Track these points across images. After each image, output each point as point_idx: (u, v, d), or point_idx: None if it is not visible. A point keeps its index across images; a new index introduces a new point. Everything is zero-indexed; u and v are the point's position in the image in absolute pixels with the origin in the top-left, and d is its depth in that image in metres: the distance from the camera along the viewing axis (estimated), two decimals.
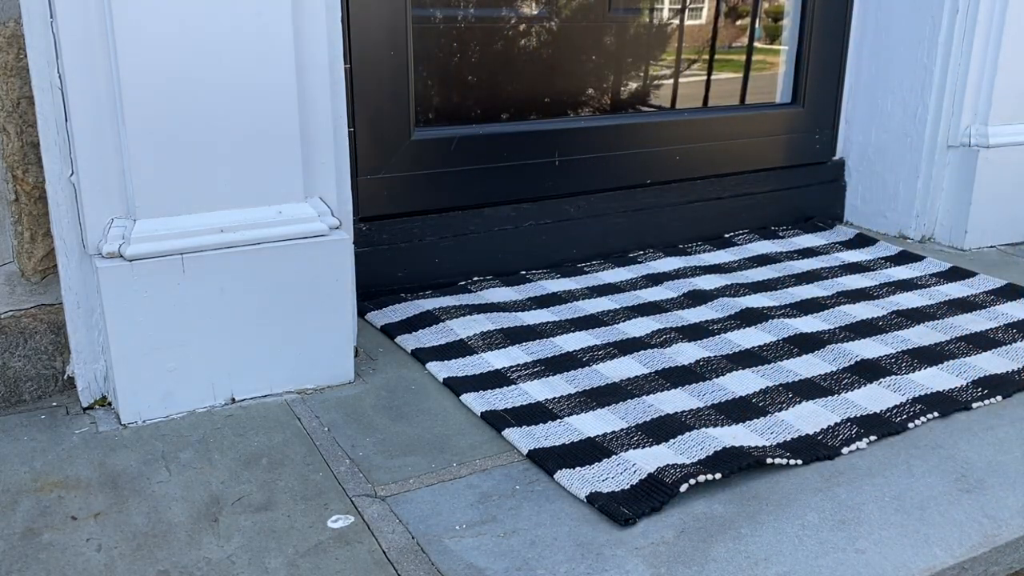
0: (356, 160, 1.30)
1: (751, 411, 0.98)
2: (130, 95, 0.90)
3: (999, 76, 1.61)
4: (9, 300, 1.00)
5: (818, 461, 0.89)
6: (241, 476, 0.86)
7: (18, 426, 0.96)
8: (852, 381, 1.06)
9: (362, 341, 1.18)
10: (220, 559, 0.74)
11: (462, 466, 0.88)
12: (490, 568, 0.73)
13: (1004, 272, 1.48)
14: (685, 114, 1.66)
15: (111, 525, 0.79)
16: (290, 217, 0.99)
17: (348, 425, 0.96)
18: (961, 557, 0.74)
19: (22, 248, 0.99)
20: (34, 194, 0.98)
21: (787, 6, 1.77)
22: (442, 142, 1.38)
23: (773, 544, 0.76)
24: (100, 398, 1.01)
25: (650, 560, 0.73)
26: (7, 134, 0.96)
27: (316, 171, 1.03)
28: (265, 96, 0.96)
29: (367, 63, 1.28)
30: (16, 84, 0.95)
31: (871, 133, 1.72)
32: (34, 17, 0.88)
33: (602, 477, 0.84)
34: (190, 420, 0.97)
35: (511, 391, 1.03)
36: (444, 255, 1.39)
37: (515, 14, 1.47)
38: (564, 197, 1.49)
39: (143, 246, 0.92)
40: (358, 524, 0.79)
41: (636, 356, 1.13)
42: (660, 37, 1.65)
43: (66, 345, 1.02)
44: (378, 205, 1.33)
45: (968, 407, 1.00)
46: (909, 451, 0.91)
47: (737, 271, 1.48)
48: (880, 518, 0.79)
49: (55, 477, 0.86)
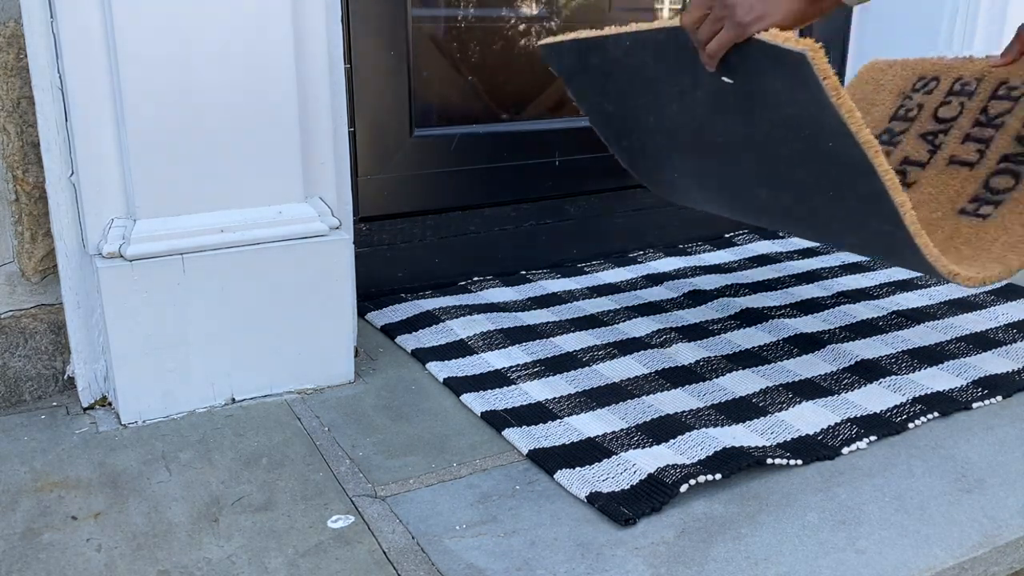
0: (356, 160, 1.30)
1: (751, 411, 0.98)
2: (130, 95, 0.90)
3: None
4: (9, 300, 1.00)
5: (818, 461, 0.89)
6: (241, 476, 0.86)
7: (18, 426, 0.96)
8: (852, 381, 1.06)
9: (362, 341, 1.18)
10: (220, 559, 0.74)
11: (462, 466, 0.88)
12: (490, 568, 0.73)
13: None
14: None
15: (111, 525, 0.79)
16: (290, 217, 0.99)
17: (348, 425, 0.97)
18: (961, 557, 0.75)
19: (22, 248, 0.99)
20: (34, 194, 0.98)
21: None
22: (442, 142, 1.38)
23: (773, 544, 0.76)
24: (100, 398, 1.01)
25: (650, 560, 0.73)
26: (7, 134, 0.96)
27: (316, 171, 1.03)
28: (265, 96, 0.96)
29: (367, 63, 1.28)
30: (16, 84, 0.95)
31: None
32: (34, 17, 0.88)
33: (602, 477, 0.84)
34: (190, 420, 0.97)
35: (511, 391, 1.03)
36: (444, 255, 1.39)
37: (515, 14, 1.47)
38: (564, 197, 1.49)
39: (143, 246, 0.92)
40: (358, 524, 0.79)
41: (636, 356, 1.13)
42: None
43: (66, 345, 1.02)
44: (378, 205, 1.33)
45: (968, 407, 1.00)
46: (909, 451, 0.91)
47: (737, 271, 1.48)
48: (880, 518, 0.79)
49: (55, 477, 0.86)
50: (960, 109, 1.16)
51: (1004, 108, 1.12)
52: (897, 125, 1.23)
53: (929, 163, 1.16)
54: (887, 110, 1.25)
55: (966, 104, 1.16)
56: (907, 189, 1.12)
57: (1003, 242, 1.02)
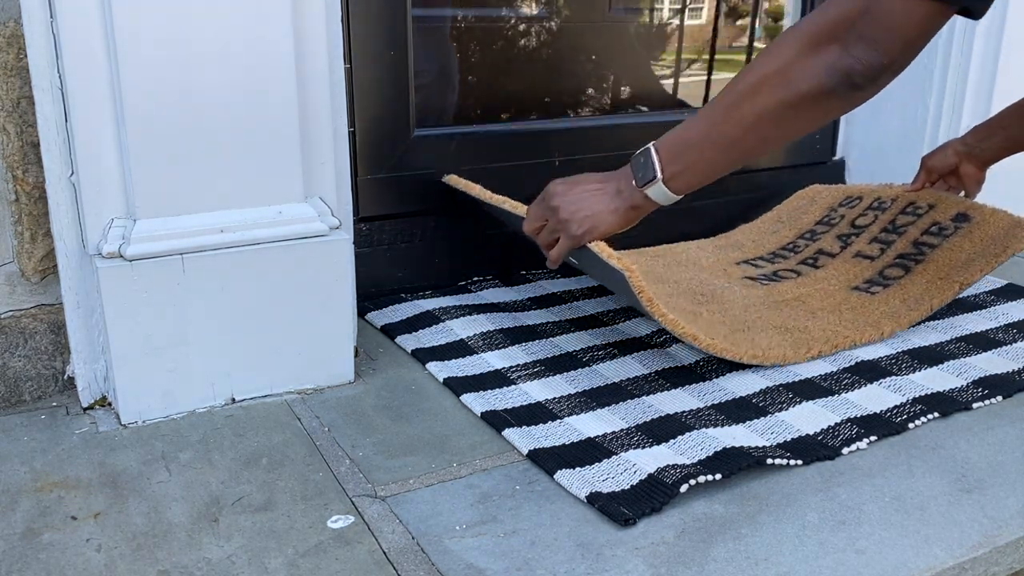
0: (356, 160, 1.30)
1: (751, 411, 0.98)
2: (130, 95, 0.90)
3: (999, 77, 1.61)
4: (9, 300, 1.00)
5: (818, 461, 0.89)
6: (241, 476, 0.86)
7: (18, 426, 0.96)
8: (852, 381, 1.06)
9: (362, 341, 1.18)
10: (220, 559, 0.74)
11: (462, 466, 0.88)
12: (490, 568, 0.73)
13: (1004, 272, 1.48)
14: (686, 114, 1.66)
15: (111, 525, 0.79)
16: (290, 217, 0.99)
17: (348, 425, 0.97)
18: (961, 557, 0.74)
19: (22, 248, 0.99)
20: (34, 194, 0.98)
21: (787, 6, 1.77)
22: (442, 142, 1.38)
23: (773, 544, 0.76)
24: (100, 398, 1.01)
25: (650, 560, 0.73)
26: (7, 134, 0.96)
27: (316, 171, 1.03)
28: (265, 96, 0.96)
29: (367, 63, 1.28)
30: (16, 84, 0.95)
31: (871, 133, 1.72)
32: (34, 17, 0.88)
33: (602, 477, 0.84)
34: (190, 420, 0.97)
35: (511, 391, 1.03)
36: (444, 255, 1.39)
37: (515, 14, 1.47)
38: None
39: (143, 246, 0.92)
40: (358, 524, 0.79)
41: (636, 356, 1.13)
42: (660, 37, 1.65)
43: (66, 345, 1.02)
44: (378, 205, 1.33)
45: (968, 407, 1.00)
46: (909, 451, 0.91)
47: None
48: (880, 518, 0.79)
49: (55, 477, 0.86)
50: (874, 219, 1.43)
51: (908, 221, 1.39)
52: (820, 228, 1.50)
53: (838, 255, 1.41)
54: (814, 218, 1.53)
55: (879, 216, 1.43)
56: (815, 270, 1.39)
57: (882, 311, 1.23)
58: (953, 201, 1.37)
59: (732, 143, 0.92)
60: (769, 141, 0.92)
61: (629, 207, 0.98)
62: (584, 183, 1.01)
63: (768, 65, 0.89)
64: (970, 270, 1.23)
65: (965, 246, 1.27)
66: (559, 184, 1.02)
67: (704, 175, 0.95)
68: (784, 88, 0.87)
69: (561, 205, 1.00)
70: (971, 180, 1.37)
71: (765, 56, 0.90)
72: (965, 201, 1.36)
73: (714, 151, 0.93)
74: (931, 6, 0.82)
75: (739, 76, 0.92)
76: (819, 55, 0.85)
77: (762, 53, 0.91)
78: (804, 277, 1.37)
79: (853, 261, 1.37)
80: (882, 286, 1.29)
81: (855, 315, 1.22)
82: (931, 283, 1.25)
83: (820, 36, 0.85)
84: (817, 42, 0.85)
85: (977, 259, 1.24)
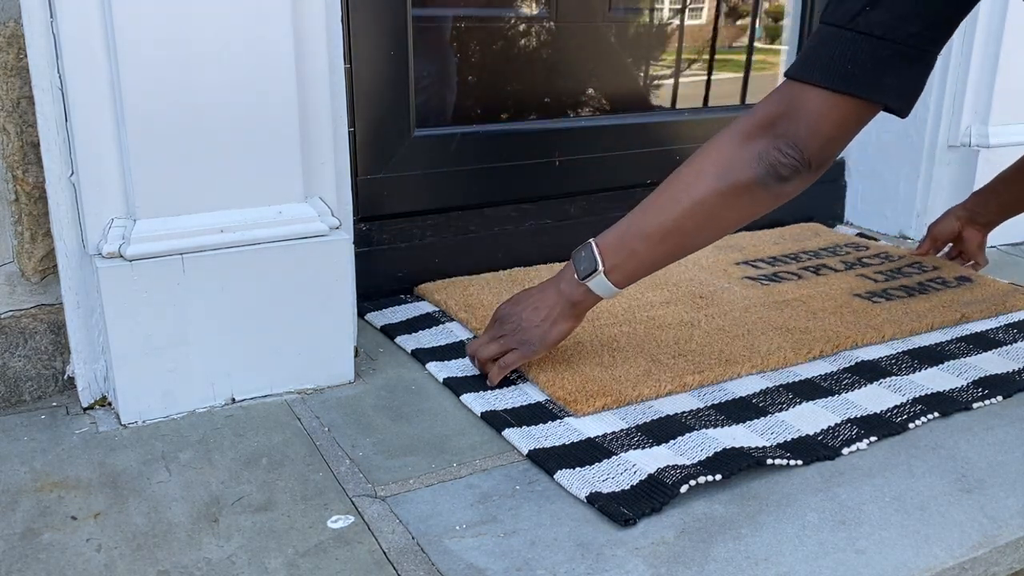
0: (356, 160, 1.30)
1: (751, 411, 0.98)
2: (131, 95, 0.90)
3: (999, 76, 1.61)
4: (9, 300, 1.00)
5: (818, 461, 0.88)
6: (241, 476, 0.86)
7: (18, 426, 0.96)
8: (852, 381, 1.06)
9: (362, 341, 1.18)
10: (220, 559, 0.74)
11: (462, 466, 0.88)
12: (490, 568, 0.73)
13: (1004, 272, 1.48)
14: (685, 114, 1.66)
15: (111, 525, 0.79)
16: (290, 217, 0.99)
17: (348, 425, 0.97)
18: (961, 557, 0.74)
19: (22, 248, 0.99)
20: (34, 194, 0.98)
21: (787, 6, 1.77)
22: (442, 142, 1.38)
23: (773, 544, 0.76)
24: (100, 398, 1.01)
25: (650, 560, 0.73)
26: (7, 134, 0.96)
27: (316, 171, 1.03)
28: (265, 96, 0.96)
29: (367, 63, 1.28)
30: (16, 84, 0.95)
31: (871, 132, 1.72)
32: (34, 17, 0.88)
33: (602, 477, 0.84)
34: (190, 420, 0.97)
35: (511, 391, 1.03)
36: (444, 255, 1.39)
37: (515, 14, 1.47)
38: (564, 197, 1.49)
39: (143, 246, 0.92)
40: (358, 524, 0.79)
41: None
42: (660, 37, 1.65)
43: (66, 345, 1.02)
44: (378, 205, 1.33)
45: (968, 407, 1.00)
46: (909, 451, 0.91)
47: None
48: (880, 518, 0.79)
49: (55, 477, 0.86)
50: (880, 263, 1.51)
51: (913, 271, 1.46)
52: (824, 252, 1.57)
53: (842, 271, 1.46)
54: (818, 244, 1.61)
55: (885, 262, 1.51)
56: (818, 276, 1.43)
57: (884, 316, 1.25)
58: (957, 267, 1.47)
59: (668, 233, 0.94)
60: (703, 231, 0.95)
61: (569, 304, 0.99)
62: (525, 300, 1.02)
63: (705, 158, 0.93)
64: (972, 308, 1.28)
65: (967, 295, 1.34)
66: (505, 306, 1.04)
67: (644, 266, 0.97)
68: (717, 179, 0.91)
69: (513, 326, 1.01)
70: (973, 244, 1.45)
71: (703, 150, 0.94)
72: (968, 269, 1.46)
73: (652, 242, 0.95)
74: (849, 106, 0.87)
75: (679, 169, 0.95)
76: (751, 147, 0.90)
77: (701, 148, 0.95)
78: (805, 280, 1.39)
79: (857, 278, 1.42)
80: (885, 299, 1.33)
81: (857, 318, 1.23)
82: (934, 307, 1.28)
83: (752, 131, 0.90)
84: (750, 136, 0.90)
85: (979, 303, 1.30)
